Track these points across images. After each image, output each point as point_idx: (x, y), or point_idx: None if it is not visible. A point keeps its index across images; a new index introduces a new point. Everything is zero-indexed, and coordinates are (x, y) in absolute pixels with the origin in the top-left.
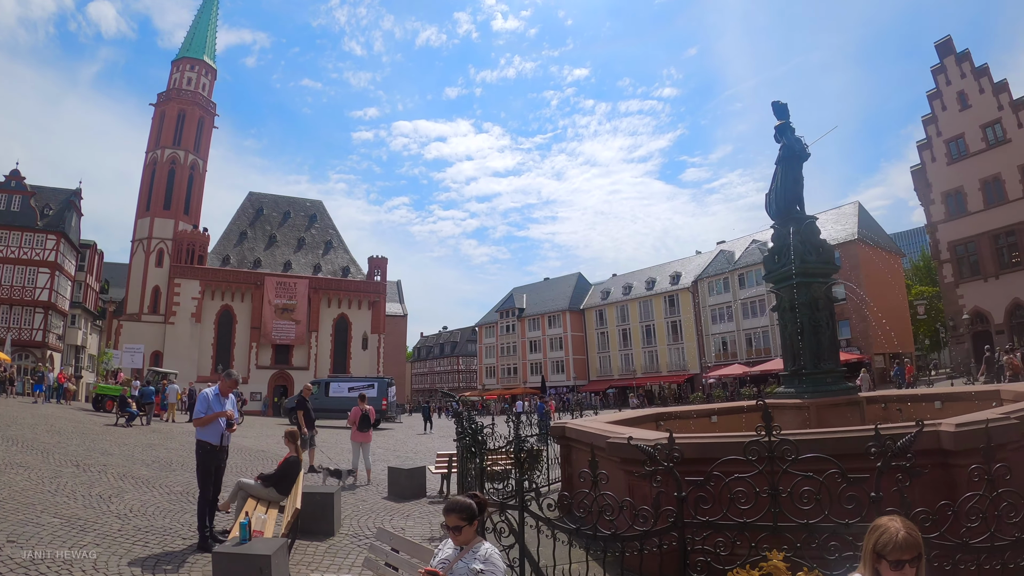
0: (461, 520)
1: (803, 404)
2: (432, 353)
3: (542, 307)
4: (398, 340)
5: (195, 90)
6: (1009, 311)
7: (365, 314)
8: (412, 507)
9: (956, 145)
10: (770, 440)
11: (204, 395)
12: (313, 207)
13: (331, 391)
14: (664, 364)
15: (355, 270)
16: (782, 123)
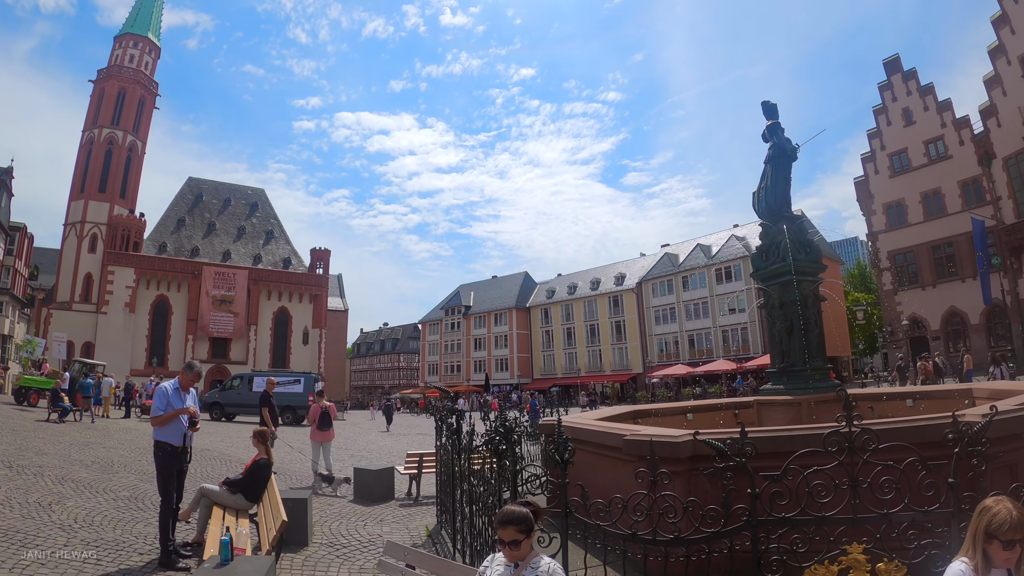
0: (519, 533)
1: (795, 400)
2: (372, 350)
3: (489, 305)
4: (338, 335)
5: (137, 68)
6: (945, 318)
7: (306, 308)
8: (383, 511)
9: (899, 159)
10: (850, 430)
11: (163, 390)
12: (255, 195)
13: (254, 385)
14: (608, 363)
15: (296, 262)
16: (772, 123)
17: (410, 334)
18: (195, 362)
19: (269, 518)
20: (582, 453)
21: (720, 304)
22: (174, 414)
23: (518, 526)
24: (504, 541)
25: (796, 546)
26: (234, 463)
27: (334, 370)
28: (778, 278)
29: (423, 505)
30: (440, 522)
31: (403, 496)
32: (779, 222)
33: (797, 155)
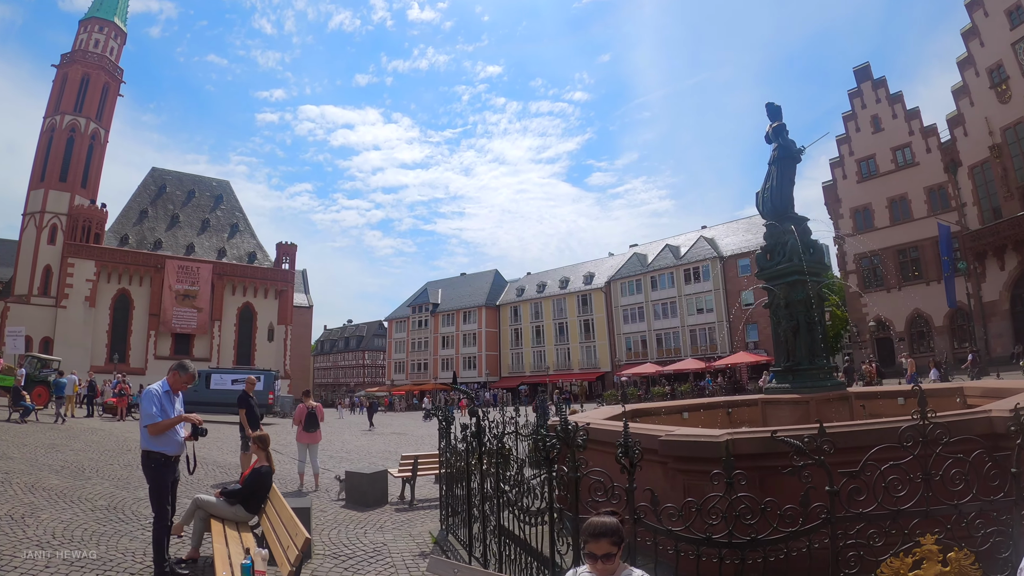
0: (613, 545)
1: (802, 399)
2: (336, 347)
3: (458, 302)
4: (303, 332)
5: (102, 53)
6: (909, 320)
7: (272, 304)
8: (379, 517)
9: (867, 164)
10: (924, 424)
11: (153, 394)
12: (220, 187)
13: (212, 383)
14: (576, 362)
15: (262, 256)
16: (778, 124)
17: (375, 331)
18: (188, 362)
19: (283, 534)
20: (601, 455)
21: (688, 304)
22: (175, 421)
23: (611, 538)
24: (596, 555)
25: (873, 541)
26: (213, 467)
27: (299, 368)
28: (784, 278)
29: (419, 509)
30: (446, 527)
31: (396, 500)
32: (785, 222)
33: (801, 157)
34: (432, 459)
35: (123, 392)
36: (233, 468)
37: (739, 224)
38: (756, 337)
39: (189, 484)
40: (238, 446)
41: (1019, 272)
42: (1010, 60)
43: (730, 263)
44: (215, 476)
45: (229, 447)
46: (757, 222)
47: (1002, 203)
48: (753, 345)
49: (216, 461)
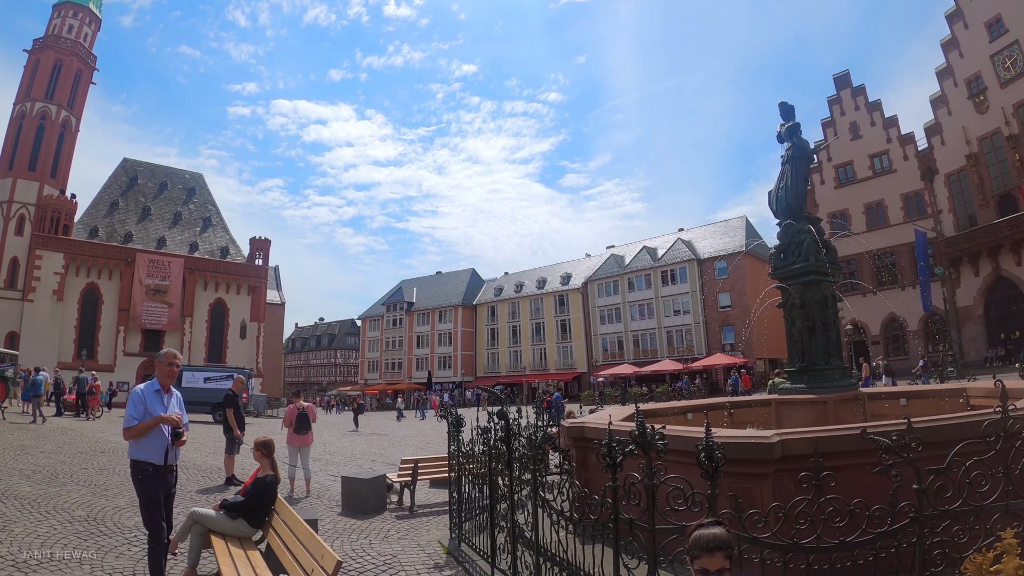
0: (727, 559)
1: (819, 399)
2: (308, 345)
3: (433, 301)
4: (275, 330)
5: (76, 39)
6: (885, 324)
7: (244, 300)
8: (381, 525)
9: (845, 171)
10: (1005, 418)
11: (138, 394)
12: (192, 180)
13: (184, 381)
14: (552, 362)
15: (235, 251)
16: (793, 124)
17: (347, 330)
18: (173, 351)
19: (302, 553)
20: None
21: (665, 305)
22: (152, 423)
23: (726, 551)
24: (709, 571)
25: (958, 537)
26: (194, 471)
27: (270, 366)
28: (800, 277)
29: (421, 516)
30: (457, 536)
31: (395, 506)
32: (800, 222)
33: (814, 157)
34: (433, 463)
35: (93, 390)
36: (216, 472)
37: (716, 227)
38: (732, 339)
39: (180, 494)
40: (218, 448)
41: (993, 278)
42: (988, 71)
43: (707, 265)
44: (199, 481)
45: (207, 449)
46: (735, 225)
47: (977, 211)
48: (729, 347)
49: (196, 464)
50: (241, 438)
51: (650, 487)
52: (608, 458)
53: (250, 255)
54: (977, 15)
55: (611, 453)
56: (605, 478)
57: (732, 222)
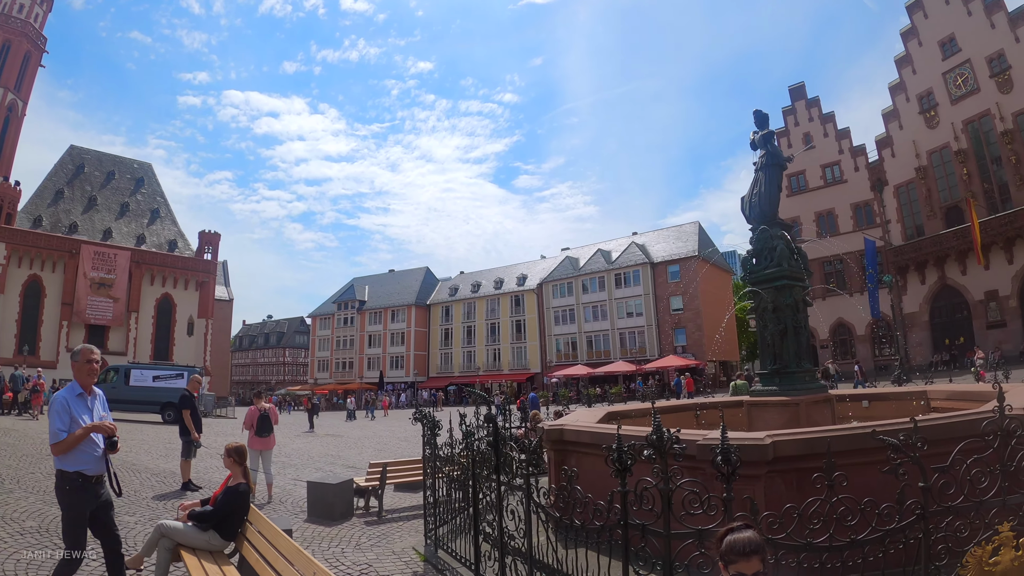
0: (762, 563)
1: (792, 401)
2: (256, 343)
3: (386, 300)
4: (223, 327)
5: (26, 19)
6: (833, 329)
7: (192, 295)
8: (351, 531)
9: (797, 180)
10: (1002, 418)
11: (60, 402)
12: (141, 170)
13: (132, 379)
14: (506, 362)
15: (183, 245)
16: (767, 132)
17: (296, 328)
18: (89, 346)
19: (287, 569)
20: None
21: (618, 307)
22: (82, 434)
23: (761, 555)
24: (745, 575)
25: (959, 532)
26: (147, 475)
27: (219, 364)
28: (773, 282)
29: (390, 521)
30: (433, 542)
31: (361, 511)
32: (773, 227)
33: (787, 164)
34: (401, 466)
35: (37, 388)
36: (171, 476)
37: (669, 232)
38: (684, 341)
39: (134, 501)
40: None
41: (939, 286)
42: (940, 88)
43: (660, 269)
44: (153, 486)
45: (158, 451)
46: (688, 231)
47: (925, 221)
48: (681, 349)
49: (149, 468)
50: (198, 441)
51: (666, 491)
52: (618, 463)
53: (199, 249)
54: (931, 34)
55: (621, 457)
56: (592, 482)
57: (685, 227)
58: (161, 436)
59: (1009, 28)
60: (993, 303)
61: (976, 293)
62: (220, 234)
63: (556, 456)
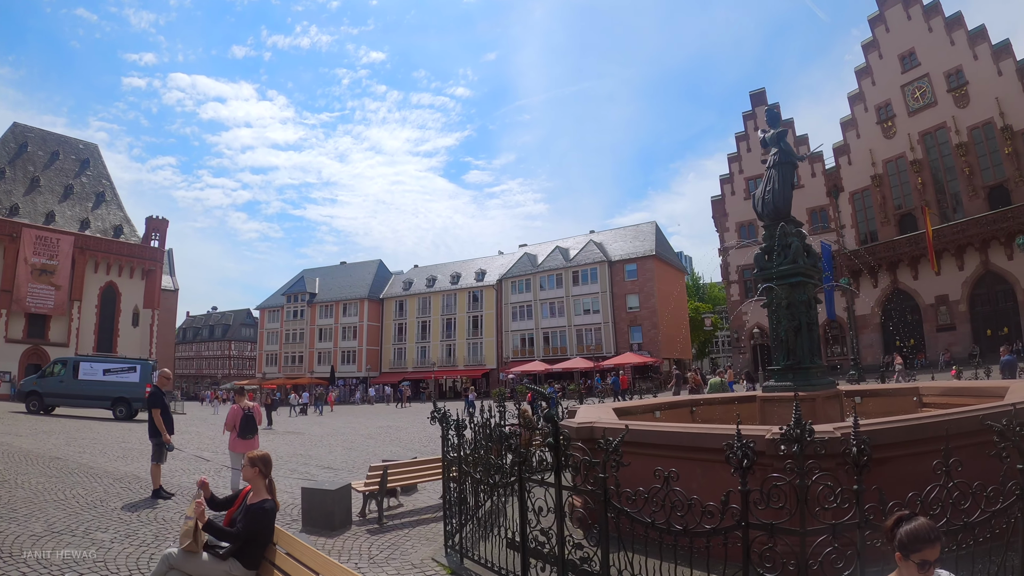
0: (940, 550)
1: (808, 396)
2: (200, 335)
3: (338, 293)
4: (168, 318)
5: None
6: None
7: (138, 284)
8: (356, 542)
9: (755, 183)
10: None
11: None
12: (87, 151)
13: (81, 373)
14: (461, 358)
15: (129, 231)
16: (781, 130)
17: (243, 320)
18: None
19: None
20: (658, 459)
21: (576, 305)
22: None
23: (940, 541)
24: (929, 562)
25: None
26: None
27: (164, 356)
28: (787, 278)
29: (394, 529)
30: (459, 551)
31: (359, 518)
32: (788, 225)
33: (798, 163)
34: (404, 469)
35: None
36: (136, 481)
37: (627, 231)
38: (640, 339)
39: (102, 513)
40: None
41: (891, 290)
42: (898, 100)
43: (617, 267)
44: (119, 494)
45: (114, 452)
46: (645, 230)
47: (879, 227)
48: (637, 346)
49: (109, 472)
50: (170, 444)
51: (803, 487)
52: (743, 459)
53: (145, 235)
54: (892, 47)
55: (745, 454)
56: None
57: (642, 227)
58: (114, 434)
59: (968, 45)
60: (943, 307)
61: (927, 297)
62: (167, 220)
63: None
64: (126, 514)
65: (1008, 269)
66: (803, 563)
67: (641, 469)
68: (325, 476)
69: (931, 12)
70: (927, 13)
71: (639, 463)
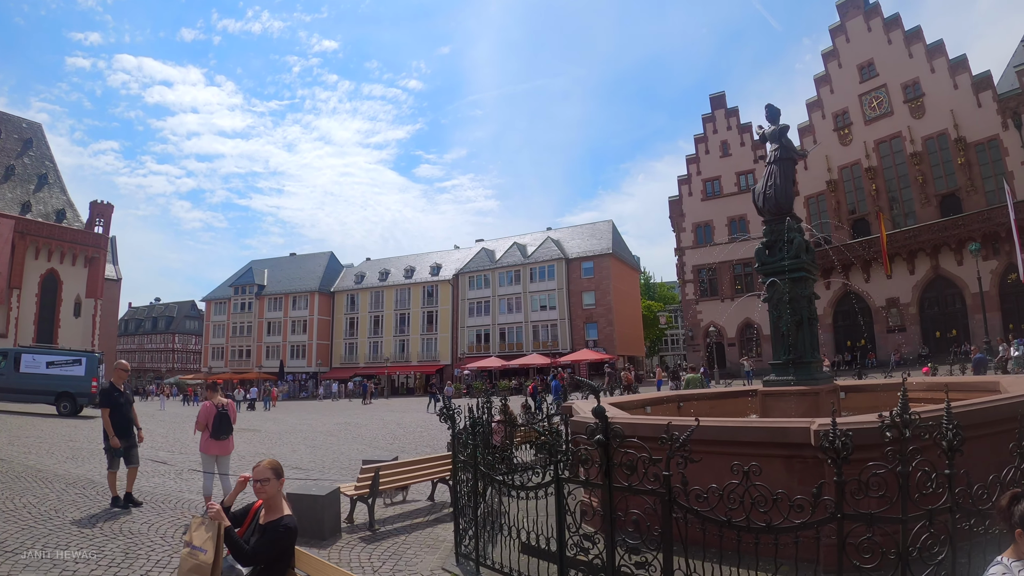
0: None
1: (811, 390)
2: (143, 327)
3: (287, 285)
4: (111, 309)
5: None
6: (741, 328)
7: (80, 273)
8: (352, 552)
9: (712, 185)
10: None
11: None
12: (30, 130)
13: (23, 365)
14: (415, 353)
15: (72, 216)
16: (783, 127)
17: (187, 312)
18: None
19: None
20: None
21: (533, 301)
22: None
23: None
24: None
25: None
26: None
27: (106, 349)
28: (790, 273)
29: (388, 536)
30: (475, 560)
31: (346, 524)
32: (788, 220)
33: (798, 159)
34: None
35: None
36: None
37: (583, 229)
38: (596, 336)
39: (59, 528)
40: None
41: (843, 291)
42: (855, 108)
43: (574, 265)
44: (74, 501)
45: (62, 452)
46: (601, 228)
47: (832, 231)
48: (593, 343)
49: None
50: (120, 447)
51: (904, 474)
52: (839, 450)
53: (89, 221)
54: (851, 57)
55: (844, 444)
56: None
57: (599, 225)
58: (61, 432)
59: (926, 59)
60: (894, 309)
61: (878, 299)
62: (112, 205)
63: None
64: (87, 528)
65: (957, 274)
66: (904, 551)
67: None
68: (297, 477)
69: (891, 25)
70: (887, 26)
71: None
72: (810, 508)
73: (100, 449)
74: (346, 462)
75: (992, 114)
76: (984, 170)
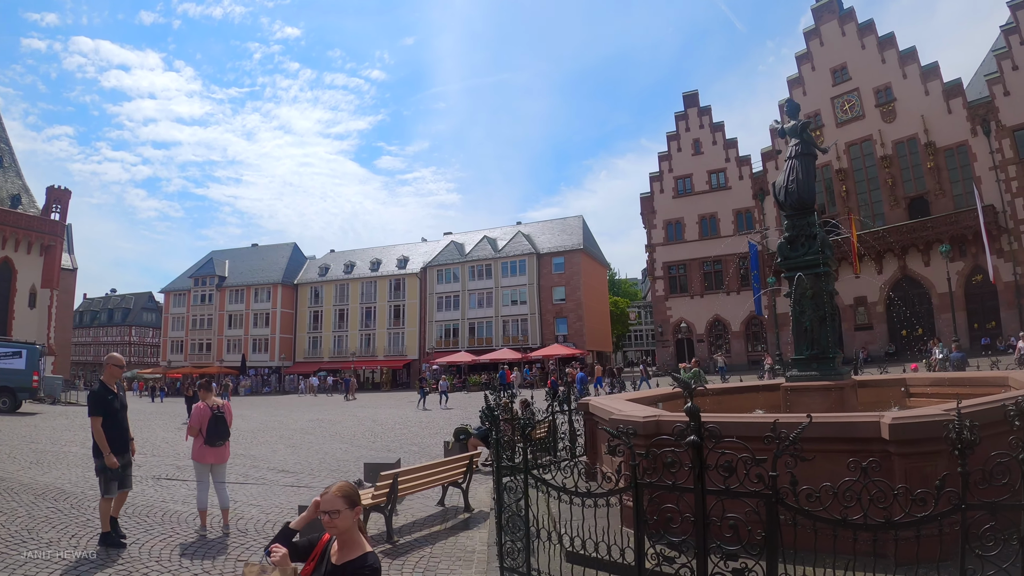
0: None
1: (835, 385)
2: (98, 319)
3: (249, 277)
4: (67, 300)
5: None
6: (710, 324)
7: (36, 261)
8: None
9: (684, 183)
10: None
11: None
12: None
13: None
14: (381, 348)
15: (27, 201)
16: (804, 121)
17: (144, 304)
18: None
19: None
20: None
21: (504, 295)
22: None
23: None
24: None
25: None
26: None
27: (61, 342)
28: (813, 269)
29: (411, 549)
30: (524, 574)
31: None
32: (809, 215)
33: (818, 154)
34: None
35: None
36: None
37: (554, 224)
38: (566, 331)
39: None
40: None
41: None
42: (827, 111)
43: (545, 260)
44: (48, 518)
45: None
46: (572, 224)
47: None
48: (563, 338)
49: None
50: (117, 467)
51: None
52: (964, 440)
53: (45, 207)
54: (825, 60)
55: (971, 434)
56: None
57: (569, 220)
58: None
59: (898, 64)
60: (862, 308)
61: (846, 298)
62: (71, 191)
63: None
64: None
65: (924, 274)
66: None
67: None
68: (286, 482)
69: (865, 31)
70: (861, 31)
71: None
72: (932, 501)
73: (66, 452)
74: (333, 463)
75: (962, 120)
76: (952, 174)
